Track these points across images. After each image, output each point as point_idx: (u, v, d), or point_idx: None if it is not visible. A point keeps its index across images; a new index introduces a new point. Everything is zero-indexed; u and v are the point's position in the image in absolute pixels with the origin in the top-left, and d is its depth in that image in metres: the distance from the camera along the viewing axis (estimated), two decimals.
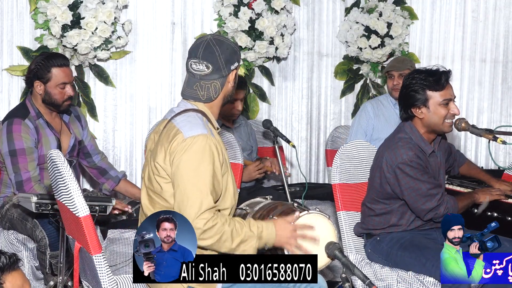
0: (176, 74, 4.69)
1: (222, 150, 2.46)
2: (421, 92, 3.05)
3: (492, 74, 5.51)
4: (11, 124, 3.46)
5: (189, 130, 2.38)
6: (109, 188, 3.84)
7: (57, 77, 3.49)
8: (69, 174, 2.35)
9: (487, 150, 5.38)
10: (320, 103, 5.23)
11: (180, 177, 2.36)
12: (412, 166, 3.02)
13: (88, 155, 3.81)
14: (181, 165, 2.35)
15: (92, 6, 4.13)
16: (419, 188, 3.02)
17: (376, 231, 3.18)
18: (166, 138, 2.44)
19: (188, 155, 2.35)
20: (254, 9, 4.66)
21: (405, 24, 5.17)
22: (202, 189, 2.33)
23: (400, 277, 3.02)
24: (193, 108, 2.49)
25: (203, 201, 2.32)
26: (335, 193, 3.27)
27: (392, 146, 3.11)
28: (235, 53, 2.50)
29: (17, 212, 3.43)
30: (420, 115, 3.09)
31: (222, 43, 2.48)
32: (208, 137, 2.37)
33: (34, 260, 3.43)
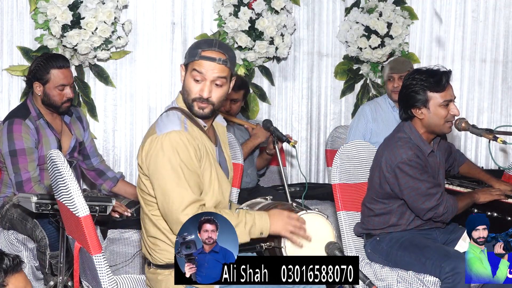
0: (176, 74, 4.69)
1: (199, 145, 2.45)
2: (421, 93, 3.05)
3: (492, 74, 5.51)
4: (11, 124, 3.46)
5: (162, 128, 2.42)
6: (107, 188, 3.84)
7: (56, 79, 3.48)
8: (69, 174, 2.35)
9: (487, 150, 5.38)
10: (320, 103, 5.23)
11: (157, 175, 2.38)
12: (412, 166, 3.02)
13: (87, 157, 3.80)
14: (157, 163, 2.38)
15: (92, 6, 4.13)
16: (419, 188, 3.02)
17: (376, 231, 3.18)
18: (145, 137, 2.50)
19: (162, 153, 2.37)
20: (254, 9, 4.66)
21: (405, 24, 5.17)
22: (180, 184, 2.35)
23: (400, 277, 3.03)
24: (174, 107, 2.52)
25: (184, 195, 2.34)
26: (335, 193, 3.27)
27: (391, 145, 3.11)
28: (191, 48, 2.49)
29: (17, 212, 3.43)
30: (420, 115, 3.08)
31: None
32: (180, 133, 2.39)
33: (34, 260, 3.43)
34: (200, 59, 2.43)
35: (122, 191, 3.87)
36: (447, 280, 2.85)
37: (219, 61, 2.43)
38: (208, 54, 2.43)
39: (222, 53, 2.45)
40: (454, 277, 2.83)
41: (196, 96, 2.45)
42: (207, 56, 2.43)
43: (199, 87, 2.44)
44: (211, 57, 2.43)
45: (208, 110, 2.47)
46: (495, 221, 3.31)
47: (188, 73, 2.47)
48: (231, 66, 2.48)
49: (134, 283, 2.66)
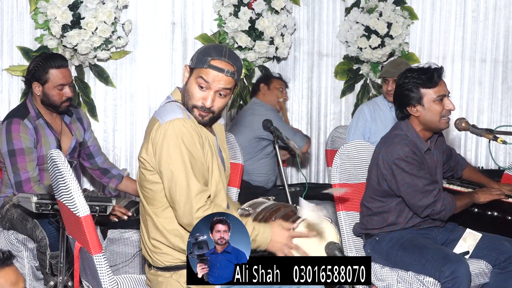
0: (176, 74, 4.69)
1: (201, 133, 2.45)
2: (415, 91, 3.07)
3: (492, 74, 5.51)
4: (10, 124, 3.45)
5: (164, 116, 2.40)
6: (114, 187, 3.84)
7: (55, 79, 3.48)
8: (69, 174, 2.35)
9: (487, 150, 5.38)
10: (320, 103, 5.23)
11: (164, 163, 2.37)
12: (408, 162, 3.03)
13: (91, 156, 3.80)
14: (163, 151, 2.36)
15: (92, 6, 4.13)
16: (416, 184, 3.03)
17: (374, 231, 3.19)
18: (147, 130, 2.48)
19: (167, 140, 2.36)
20: (254, 9, 4.66)
21: (405, 24, 5.17)
22: (187, 171, 2.35)
23: (400, 277, 3.03)
24: (173, 100, 2.51)
25: (190, 183, 2.34)
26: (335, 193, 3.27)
27: (388, 142, 3.12)
28: (201, 54, 2.45)
29: (17, 212, 3.43)
30: (415, 113, 3.10)
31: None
32: (184, 120, 2.38)
33: (34, 260, 3.43)
34: (209, 68, 2.40)
35: (128, 188, 3.87)
36: (446, 284, 2.84)
37: (227, 73, 2.40)
38: (217, 64, 2.40)
39: (231, 65, 2.42)
40: (453, 281, 2.82)
41: (198, 104, 2.43)
42: (216, 66, 2.40)
43: (203, 95, 2.42)
44: (220, 67, 2.40)
45: (207, 119, 2.46)
46: (495, 221, 3.32)
47: (193, 78, 2.45)
48: (238, 78, 2.47)
49: (134, 283, 2.66)
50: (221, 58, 2.40)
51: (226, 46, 2.51)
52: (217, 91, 2.42)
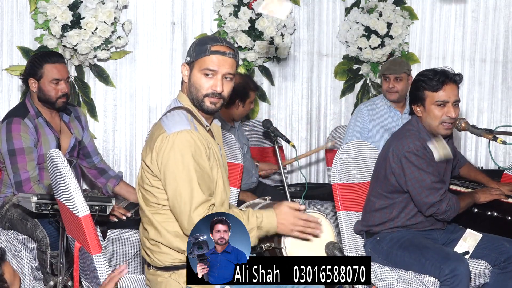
0: (176, 74, 4.69)
1: (208, 145, 2.46)
2: (420, 91, 3.10)
3: (492, 74, 5.51)
4: (10, 123, 3.45)
5: (172, 127, 2.40)
6: (112, 186, 3.83)
7: (49, 73, 3.48)
8: (69, 173, 2.35)
9: (487, 150, 5.38)
10: (320, 103, 5.23)
11: (169, 174, 2.36)
12: (418, 156, 3.03)
13: (88, 155, 3.80)
14: (169, 163, 2.36)
15: (92, 6, 4.13)
16: (424, 180, 3.02)
17: (375, 228, 3.18)
18: (151, 137, 2.47)
19: (173, 151, 2.36)
20: (254, 9, 4.66)
21: (405, 24, 5.17)
22: (193, 183, 2.35)
23: (400, 277, 3.03)
24: (179, 106, 2.51)
25: (194, 195, 2.34)
26: (335, 193, 3.27)
27: (399, 136, 3.15)
28: (198, 46, 2.47)
29: (17, 212, 3.43)
30: (418, 113, 3.13)
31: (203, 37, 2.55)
32: (191, 132, 2.38)
33: (34, 260, 3.43)
34: (211, 54, 2.44)
35: (123, 191, 3.86)
36: (446, 282, 2.85)
37: (230, 55, 2.45)
38: (218, 49, 2.45)
39: (230, 48, 2.47)
40: (453, 279, 2.83)
41: (209, 92, 2.45)
42: (218, 50, 2.44)
43: (211, 83, 2.45)
44: (222, 51, 2.44)
45: (219, 105, 2.49)
46: (495, 221, 3.32)
47: (196, 70, 2.46)
48: (238, 60, 2.52)
49: (134, 283, 2.66)
50: (220, 43, 2.46)
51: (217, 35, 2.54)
52: (223, 75, 2.46)
